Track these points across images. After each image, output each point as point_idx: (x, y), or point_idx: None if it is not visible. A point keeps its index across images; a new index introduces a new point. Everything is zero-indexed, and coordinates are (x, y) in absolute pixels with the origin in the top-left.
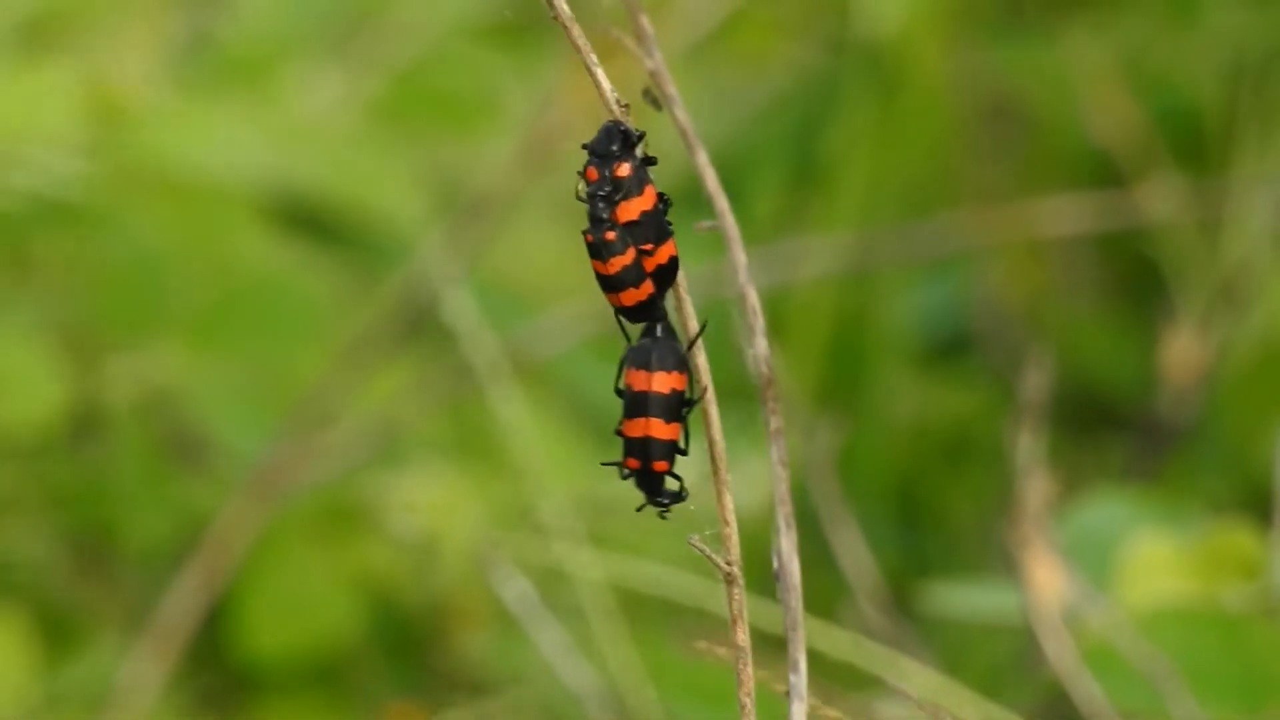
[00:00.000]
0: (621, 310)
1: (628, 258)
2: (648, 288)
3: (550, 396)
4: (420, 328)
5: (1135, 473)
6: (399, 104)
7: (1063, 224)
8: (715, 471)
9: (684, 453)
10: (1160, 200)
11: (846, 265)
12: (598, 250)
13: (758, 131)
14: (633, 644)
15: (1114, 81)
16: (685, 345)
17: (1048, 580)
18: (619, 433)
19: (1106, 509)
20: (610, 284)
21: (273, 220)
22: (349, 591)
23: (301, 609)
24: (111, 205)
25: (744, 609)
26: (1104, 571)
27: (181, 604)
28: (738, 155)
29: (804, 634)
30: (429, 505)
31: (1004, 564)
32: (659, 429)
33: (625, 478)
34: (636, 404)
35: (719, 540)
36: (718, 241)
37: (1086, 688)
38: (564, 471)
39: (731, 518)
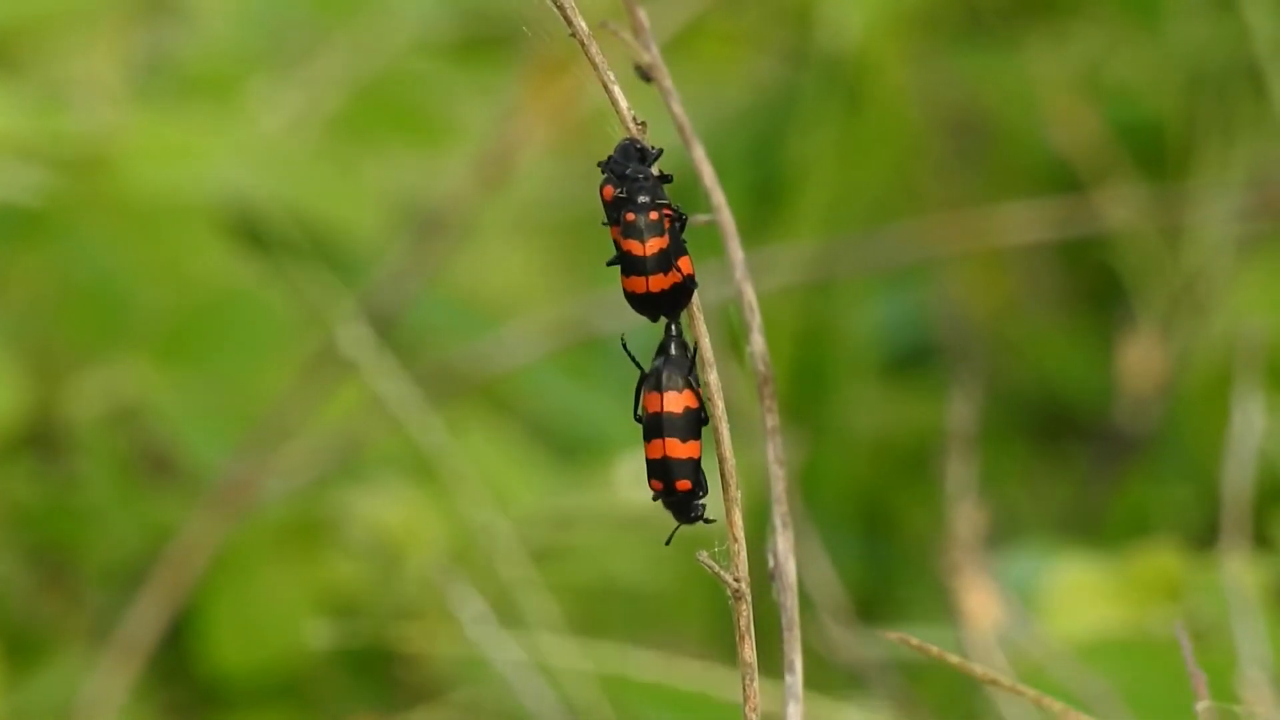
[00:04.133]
0: (645, 300)
1: (665, 241)
2: (675, 275)
3: (509, 411)
4: (381, 343)
5: (1095, 482)
6: (359, 119)
7: (1024, 233)
8: (725, 488)
9: (703, 475)
10: (1120, 209)
11: (809, 277)
12: (638, 230)
13: (719, 143)
14: (592, 660)
15: (1074, 92)
16: (694, 363)
17: (982, 608)
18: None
19: (1037, 562)
20: (643, 266)
21: (235, 235)
22: (312, 606)
23: (264, 623)
24: (75, 220)
25: (751, 625)
26: (1033, 602)
27: (145, 619)
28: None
29: (799, 635)
30: (390, 521)
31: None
32: (676, 449)
33: (655, 499)
34: (653, 426)
35: (726, 556)
36: (703, 244)
37: (1021, 714)
38: (517, 488)
39: (740, 534)
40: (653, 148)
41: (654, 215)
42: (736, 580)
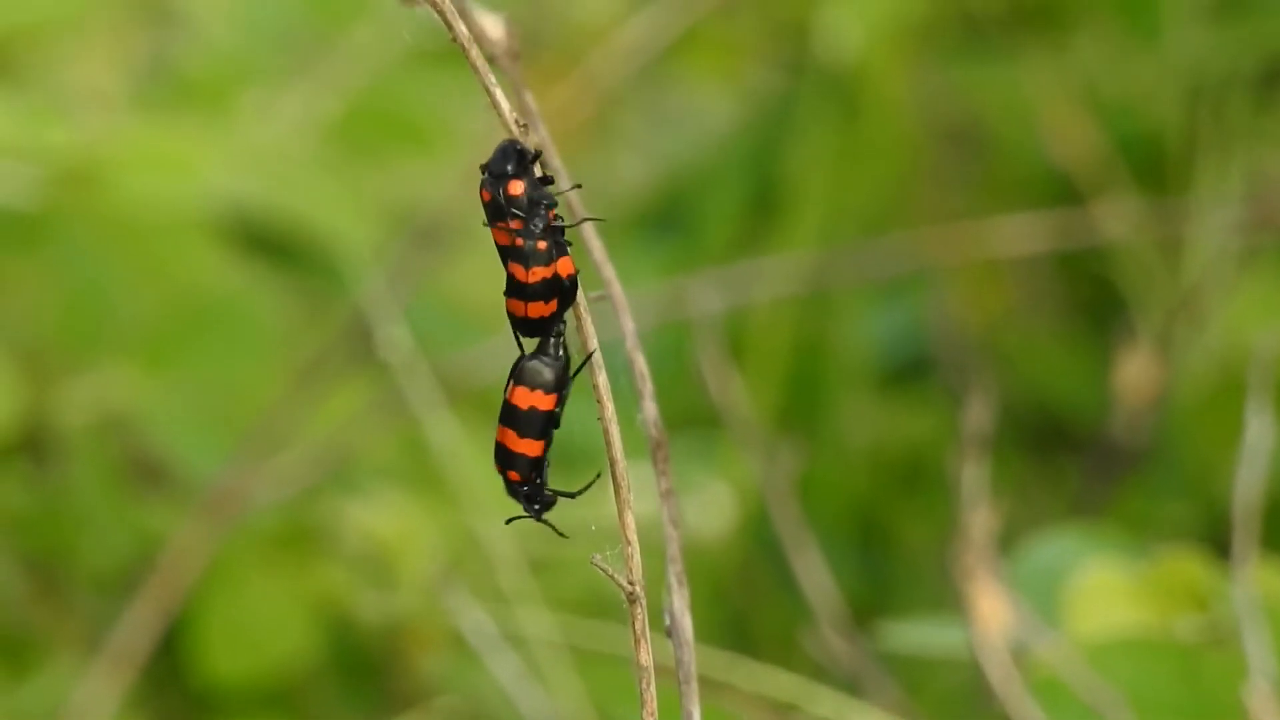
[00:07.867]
0: (524, 323)
1: (548, 270)
2: (554, 304)
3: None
4: (373, 350)
5: (1090, 496)
6: (354, 127)
7: (1021, 244)
8: (616, 491)
9: (543, 472)
10: (1119, 221)
11: (805, 287)
12: (525, 257)
13: (716, 154)
14: (585, 670)
15: (1073, 103)
16: (575, 365)
17: (993, 612)
18: None
19: (1059, 546)
20: (527, 293)
21: (228, 242)
22: (305, 614)
23: (257, 632)
24: (66, 226)
25: (646, 628)
26: (1056, 607)
27: (137, 627)
28: (696, 178)
29: (696, 688)
30: (384, 529)
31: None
32: (513, 441)
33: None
34: (503, 412)
35: (622, 559)
36: (675, 263)
37: None
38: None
39: (633, 536)
40: (532, 150)
41: (542, 245)
42: (630, 584)
